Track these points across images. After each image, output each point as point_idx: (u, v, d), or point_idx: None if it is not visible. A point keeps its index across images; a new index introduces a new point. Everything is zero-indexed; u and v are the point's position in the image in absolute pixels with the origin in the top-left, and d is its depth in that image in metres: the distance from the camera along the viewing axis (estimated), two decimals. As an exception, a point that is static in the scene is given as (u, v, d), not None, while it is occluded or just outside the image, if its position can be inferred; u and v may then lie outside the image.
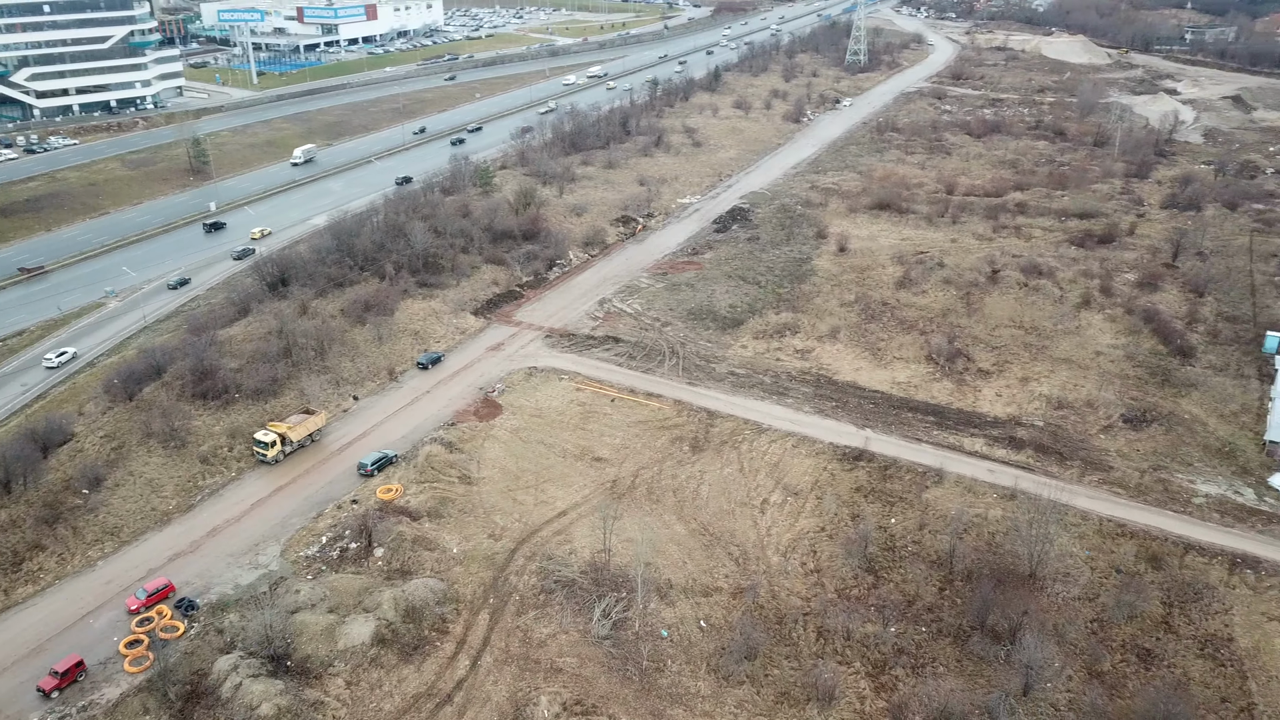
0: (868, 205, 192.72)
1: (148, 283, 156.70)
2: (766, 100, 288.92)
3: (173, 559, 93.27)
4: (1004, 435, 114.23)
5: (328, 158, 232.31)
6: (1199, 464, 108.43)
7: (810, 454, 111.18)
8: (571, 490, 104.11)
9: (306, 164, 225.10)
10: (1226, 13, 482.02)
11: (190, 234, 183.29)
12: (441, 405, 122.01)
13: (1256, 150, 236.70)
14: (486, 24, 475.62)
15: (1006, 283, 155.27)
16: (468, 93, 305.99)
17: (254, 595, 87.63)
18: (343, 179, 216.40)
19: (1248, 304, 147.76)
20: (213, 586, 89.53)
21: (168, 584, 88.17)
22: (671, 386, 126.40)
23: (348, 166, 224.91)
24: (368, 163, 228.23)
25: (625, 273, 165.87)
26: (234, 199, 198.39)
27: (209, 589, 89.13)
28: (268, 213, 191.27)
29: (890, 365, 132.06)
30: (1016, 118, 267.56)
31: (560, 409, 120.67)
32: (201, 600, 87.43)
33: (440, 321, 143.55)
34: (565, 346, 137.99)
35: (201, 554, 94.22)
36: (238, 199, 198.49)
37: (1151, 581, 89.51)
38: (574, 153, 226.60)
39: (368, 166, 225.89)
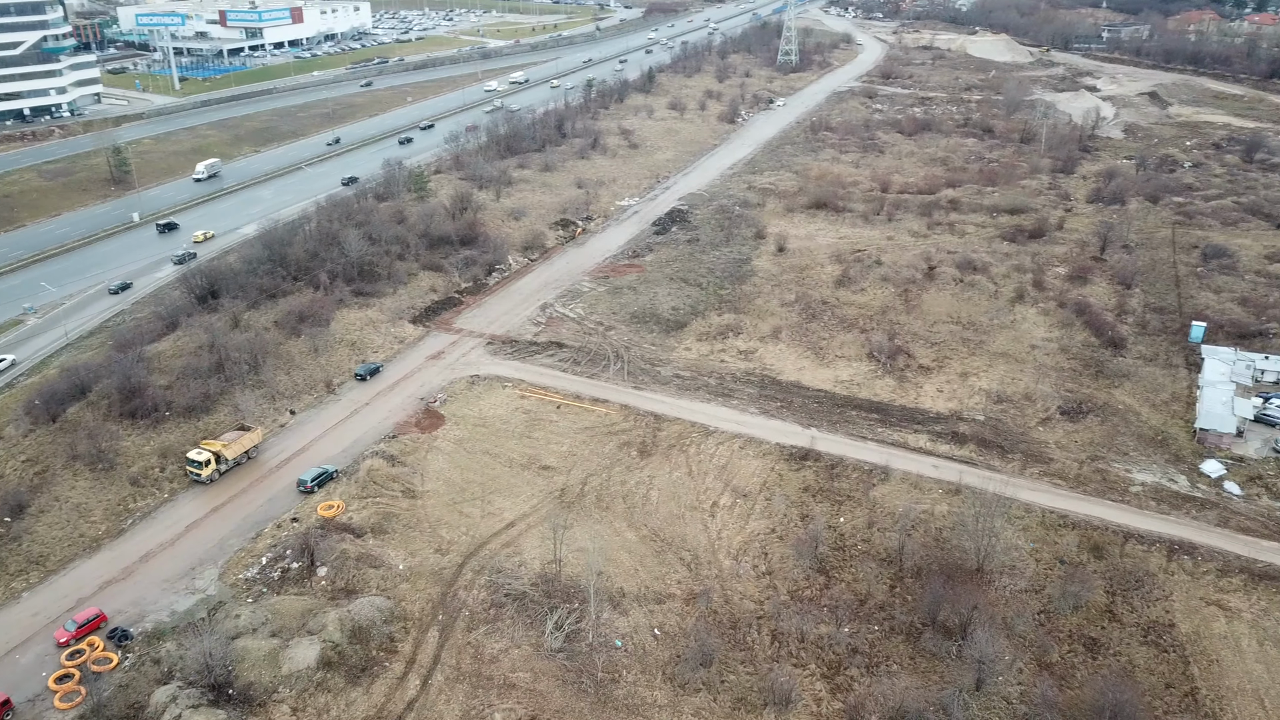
0: (805, 205, 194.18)
1: (69, 297, 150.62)
2: (701, 101, 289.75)
3: (104, 587, 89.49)
4: (946, 431, 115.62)
5: (256, 164, 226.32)
6: (1134, 453, 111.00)
7: (758, 455, 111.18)
8: (519, 500, 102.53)
9: (211, 179, 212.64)
10: (1140, 11, 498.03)
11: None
12: (382, 417, 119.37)
13: (1174, 145, 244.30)
14: (416, 27, 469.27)
15: (943, 279, 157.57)
16: (399, 97, 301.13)
17: (192, 622, 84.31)
18: (273, 186, 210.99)
19: (1173, 295, 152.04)
20: (147, 614, 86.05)
21: (99, 614, 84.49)
22: (617, 391, 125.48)
23: (277, 173, 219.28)
24: (298, 169, 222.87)
25: (566, 277, 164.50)
26: (159, 208, 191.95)
27: (143, 617, 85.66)
28: (199, 221, 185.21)
29: (833, 364, 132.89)
30: (946, 116, 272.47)
31: (505, 417, 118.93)
32: (136, 629, 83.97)
33: (378, 331, 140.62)
34: (508, 353, 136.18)
35: (134, 581, 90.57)
36: (163, 208, 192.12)
37: (1094, 571, 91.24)
38: (510, 156, 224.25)
39: (298, 173, 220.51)
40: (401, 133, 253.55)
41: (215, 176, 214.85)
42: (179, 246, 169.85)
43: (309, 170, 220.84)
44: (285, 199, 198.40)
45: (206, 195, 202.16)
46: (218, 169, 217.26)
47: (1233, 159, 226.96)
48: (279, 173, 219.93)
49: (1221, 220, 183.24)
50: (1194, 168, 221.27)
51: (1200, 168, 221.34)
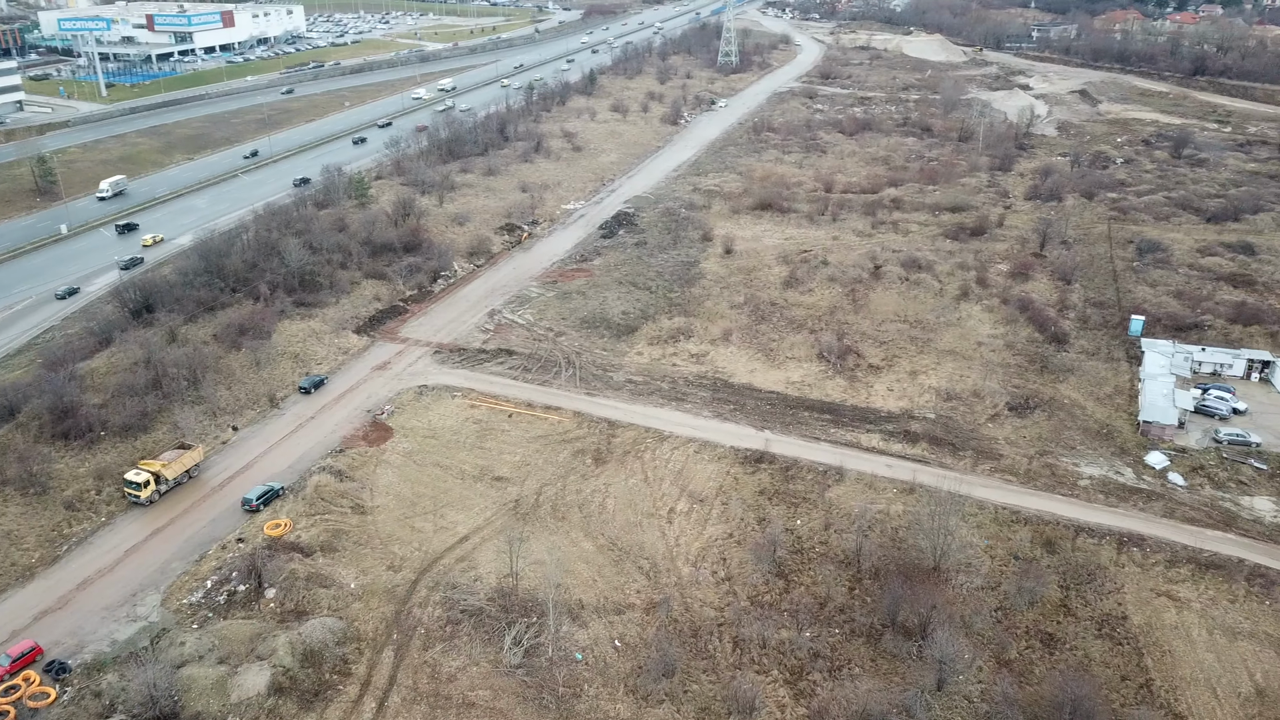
0: (750, 206, 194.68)
1: (7, 307, 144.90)
2: (643, 103, 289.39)
3: (39, 618, 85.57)
4: (898, 429, 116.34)
5: (190, 172, 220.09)
6: (1081, 447, 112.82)
7: (713, 459, 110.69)
8: (473, 513, 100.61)
9: (116, 197, 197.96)
10: (1068, 11, 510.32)
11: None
12: (328, 431, 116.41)
13: (1105, 141, 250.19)
14: (352, 30, 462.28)
15: (889, 278, 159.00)
16: (336, 101, 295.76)
17: (134, 651, 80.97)
18: (208, 194, 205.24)
19: (1111, 289, 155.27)
20: (86, 645, 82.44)
21: (34, 646, 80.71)
22: (570, 398, 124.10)
23: (211, 181, 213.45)
24: (234, 176, 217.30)
25: (514, 282, 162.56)
26: (89, 219, 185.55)
27: (82, 648, 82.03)
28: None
29: (784, 365, 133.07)
30: (885, 115, 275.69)
31: (455, 428, 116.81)
32: (74, 661, 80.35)
33: (321, 342, 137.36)
34: (456, 362, 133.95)
35: (72, 610, 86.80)
36: (94, 219, 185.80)
37: (1048, 566, 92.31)
38: (452, 160, 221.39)
39: (234, 181, 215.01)
40: (355, 133, 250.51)
41: (121, 194, 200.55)
42: (125, 251, 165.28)
43: (245, 178, 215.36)
44: (221, 207, 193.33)
45: (140, 205, 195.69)
46: (123, 186, 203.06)
47: (1162, 155, 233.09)
48: (213, 181, 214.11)
49: (1154, 215, 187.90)
50: (1125, 164, 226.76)
51: (1131, 164, 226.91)
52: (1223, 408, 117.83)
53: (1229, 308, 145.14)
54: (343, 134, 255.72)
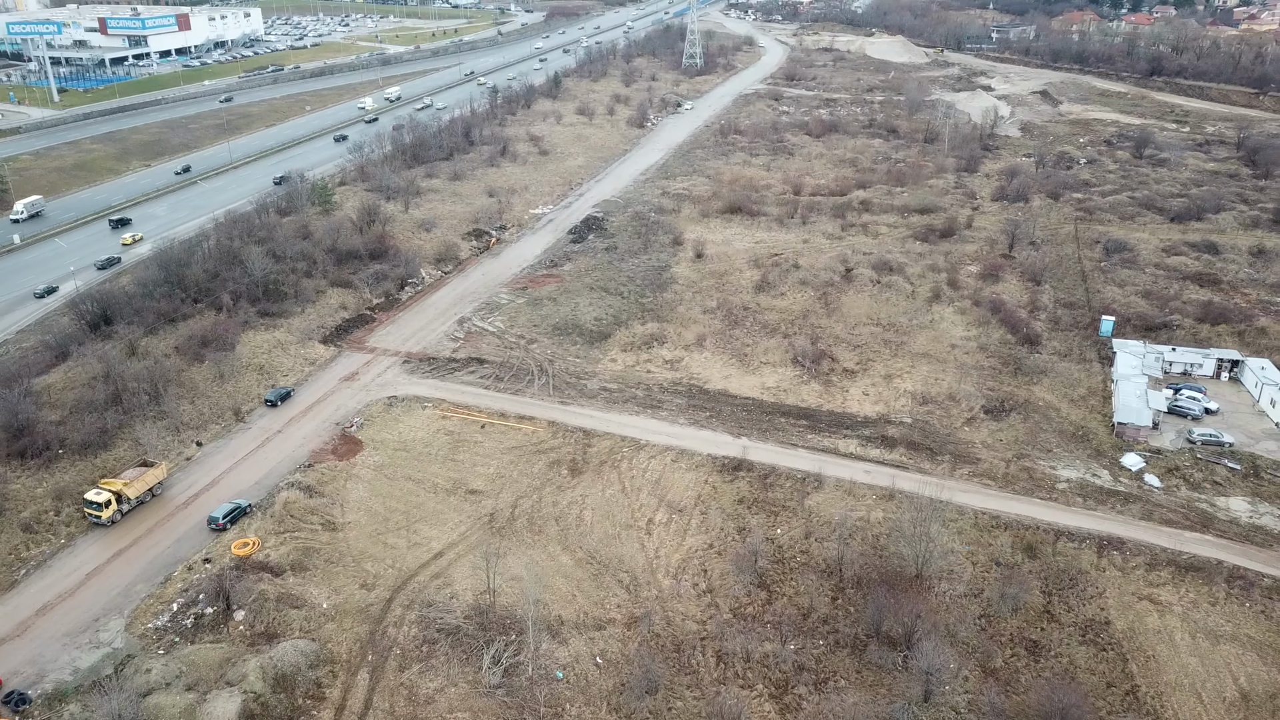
0: (719, 209, 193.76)
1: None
2: (609, 106, 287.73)
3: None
4: (876, 435, 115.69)
5: (146, 179, 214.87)
6: (1058, 449, 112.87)
7: (690, 467, 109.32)
8: (447, 528, 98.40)
9: (32, 219, 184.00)
10: (1026, 12, 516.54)
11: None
12: (296, 445, 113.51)
13: (1068, 142, 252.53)
14: (311, 33, 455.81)
15: (860, 281, 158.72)
16: (296, 106, 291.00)
17: (97, 680, 77.98)
18: (165, 202, 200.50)
19: (1081, 290, 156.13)
20: (47, 674, 79.28)
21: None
22: (543, 407, 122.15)
23: (168, 189, 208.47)
24: (192, 184, 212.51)
25: (483, 289, 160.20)
26: (40, 230, 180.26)
27: (43, 677, 78.88)
28: (86, 240, 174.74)
29: (758, 370, 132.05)
30: (851, 117, 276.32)
31: (426, 440, 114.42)
32: (35, 692, 77.24)
33: (287, 353, 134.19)
34: (426, 371, 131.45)
35: (31, 637, 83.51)
36: (44, 230, 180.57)
37: (1029, 571, 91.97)
38: (416, 165, 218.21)
39: (192, 188, 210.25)
40: (315, 137, 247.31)
41: (38, 216, 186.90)
42: (101, 251, 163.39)
43: (204, 185, 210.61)
44: (180, 215, 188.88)
45: (95, 212, 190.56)
46: (40, 207, 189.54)
47: (1124, 155, 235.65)
48: (171, 188, 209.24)
49: (1119, 215, 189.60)
50: (1089, 164, 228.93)
51: (1095, 164, 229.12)
52: (1195, 408, 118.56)
53: (1196, 307, 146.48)
54: (305, 138, 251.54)
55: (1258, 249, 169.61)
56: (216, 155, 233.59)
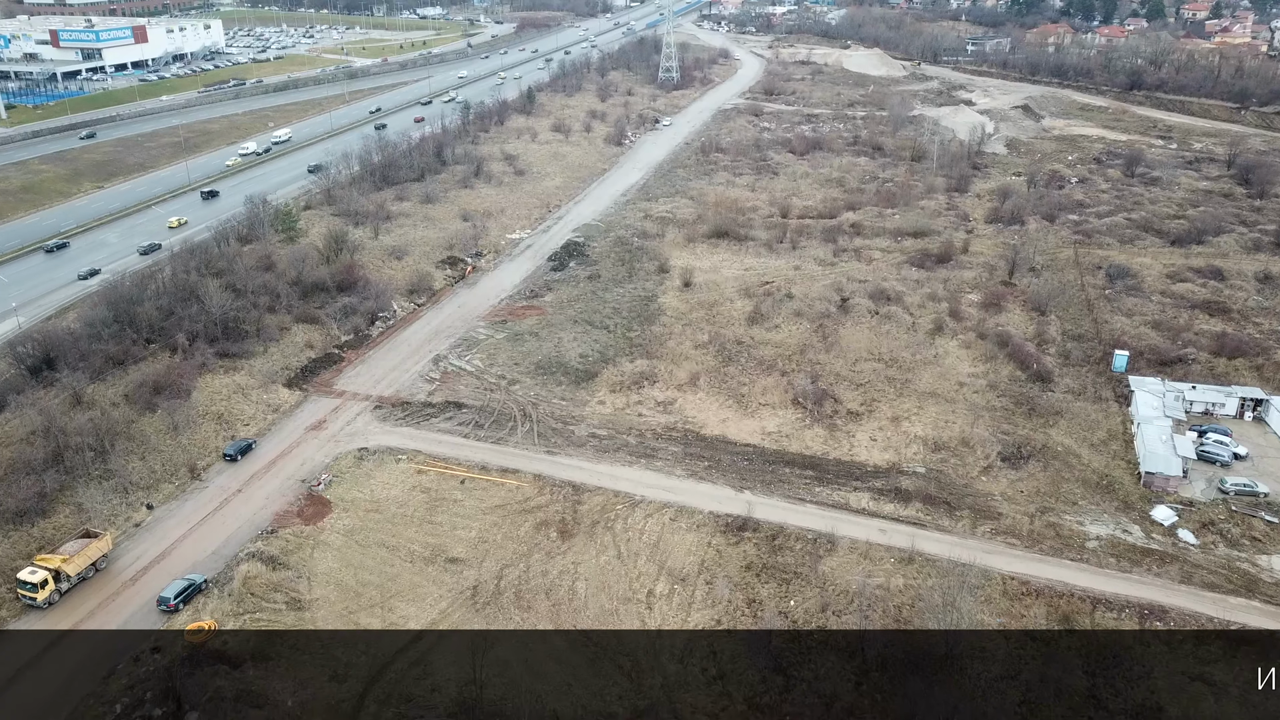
0: (705, 234, 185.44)
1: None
2: (585, 122, 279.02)
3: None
4: (888, 487, 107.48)
5: (100, 203, 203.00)
6: (1083, 502, 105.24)
7: (691, 527, 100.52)
8: (426, 605, 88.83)
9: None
10: (1001, 25, 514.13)
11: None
12: (257, 507, 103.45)
13: (1057, 160, 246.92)
14: (275, 45, 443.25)
15: (857, 312, 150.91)
16: (259, 121, 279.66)
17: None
18: (118, 228, 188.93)
19: (1088, 320, 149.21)
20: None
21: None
22: (528, 457, 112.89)
23: (124, 213, 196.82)
24: (146, 208, 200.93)
25: (459, 323, 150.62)
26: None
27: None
28: (24, 273, 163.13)
29: (757, 413, 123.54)
30: (835, 134, 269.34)
31: (401, 499, 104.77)
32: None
33: (248, 399, 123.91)
34: (399, 418, 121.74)
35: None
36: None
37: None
38: (386, 187, 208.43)
39: (147, 212, 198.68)
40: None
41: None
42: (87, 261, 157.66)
43: (158, 210, 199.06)
44: (135, 241, 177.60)
45: (40, 239, 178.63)
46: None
47: (1115, 174, 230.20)
48: (126, 212, 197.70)
49: (1118, 238, 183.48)
50: (1080, 183, 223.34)
51: (1086, 183, 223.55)
52: (1224, 453, 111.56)
53: (1210, 339, 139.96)
54: (335, 132, 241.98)
55: (1264, 275, 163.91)
56: (174, 175, 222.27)
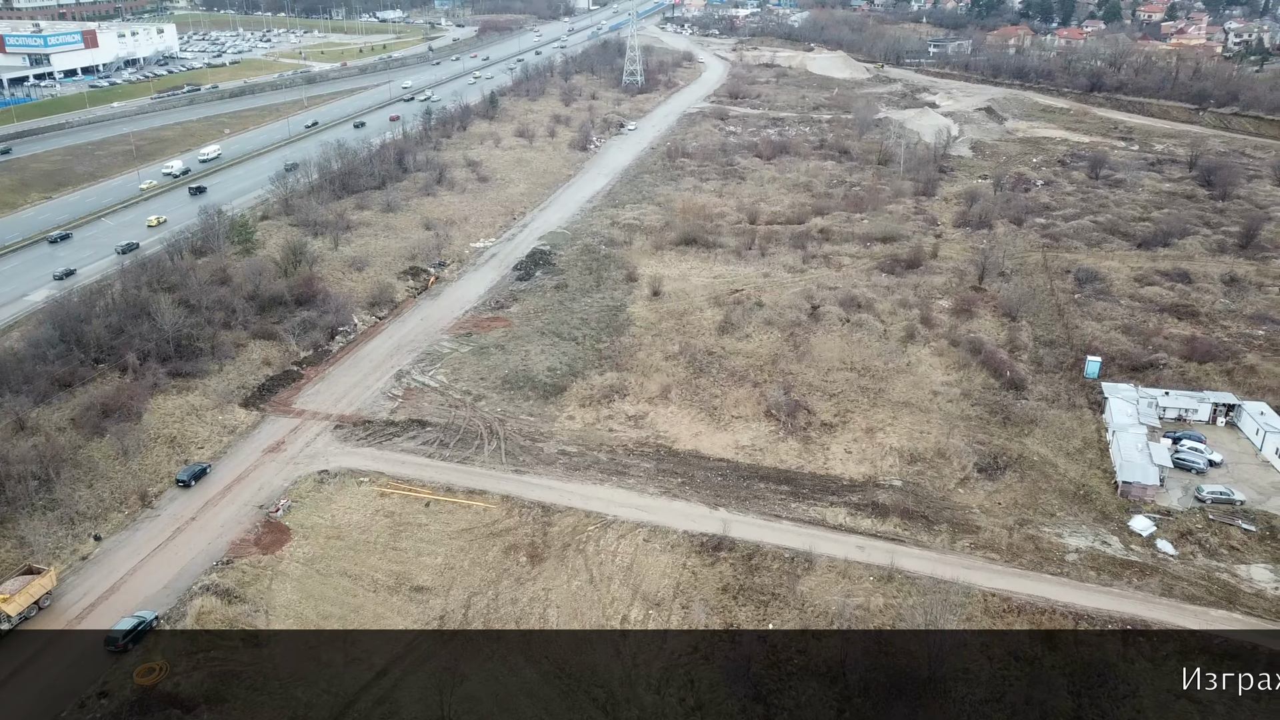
0: (673, 241, 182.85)
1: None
2: (550, 127, 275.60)
3: None
4: (865, 501, 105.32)
5: (47, 214, 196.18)
6: (1060, 513, 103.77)
7: (665, 548, 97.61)
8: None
9: None
10: (960, 27, 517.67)
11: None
12: (212, 536, 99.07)
13: (1022, 162, 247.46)
14: (230, 49, 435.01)
15: (828, 320, 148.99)
16: (214, 129, 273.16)
17: None
18: (67, 242, 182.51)
19: (1058, 326, 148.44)
20: None
21: None
22: (495, 477, 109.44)
23: (74, 223, 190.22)
24: (96, 219, 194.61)
25: (423, 336, 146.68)
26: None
27: None
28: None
29: (730, 426, 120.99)
30: (801, 138, 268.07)
31: (363, 524, 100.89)
32: None
33: (202, 420, 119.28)
34: (361, 438, 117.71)
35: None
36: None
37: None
38: (346, 196, 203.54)
39: (97, 224, 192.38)
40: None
41: None
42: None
43: (109, 221, 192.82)
44: (85, 254, 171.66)
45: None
46: None
47: (1079, 176, 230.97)
48: (75, 223, 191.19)
49: (1085, 241, 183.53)
50: (1046, 186, 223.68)
51: (1052, 186, 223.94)
52: (1199, 460, 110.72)
53: (1180, 343, 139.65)
54: (268, 148, 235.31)
55: (1230, 277, 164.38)
56: (126, 185, 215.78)
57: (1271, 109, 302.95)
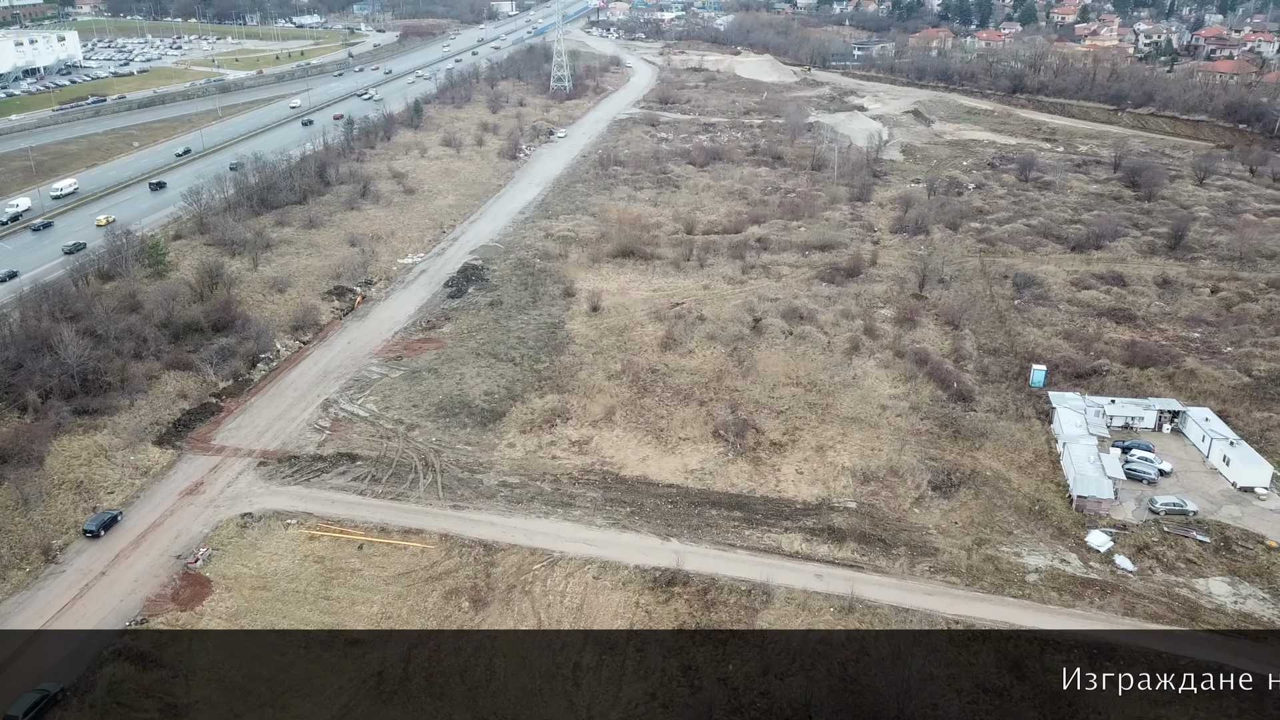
0: (610, 253, 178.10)
1: None
2: (477, 135, 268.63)
3: None
4: (820, 526, 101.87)
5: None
6: (1018, 531, 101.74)
7: (616, 585, 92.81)
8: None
9: None
10: (883, 29, 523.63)
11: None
12: (124, 592, 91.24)
13: (952, 165, 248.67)
14: (139, 57, 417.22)
15: (771, 333, 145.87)
16: (123, 142, 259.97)
17: None
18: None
19: (1001, 333, 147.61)
20: None
21: None
22: (433, 514, 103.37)
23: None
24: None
25: (350, 361, 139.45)
26: None
27: None
28: None
29: (678, 449, 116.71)
30: (733, 143, 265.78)
31: (291, 572, 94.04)
32: None
33: (112, 462, 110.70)
34: (287, 475, 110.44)
35: None
36: None
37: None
38: (266, 211, 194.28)
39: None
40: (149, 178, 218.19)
41: None
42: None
43: (4, 245, 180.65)
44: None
45: None
46: None
47: (1009, 178, 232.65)
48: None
49: (1020, 245, 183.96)
50: (978, 189, 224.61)
51: (983, 189, 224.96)
52: (1150, 471, 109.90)
53: (1121, 349, 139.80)
54: (132, 180, 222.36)
55: (1162, 279, 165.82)
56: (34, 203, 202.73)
57: (1185, 109, 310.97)
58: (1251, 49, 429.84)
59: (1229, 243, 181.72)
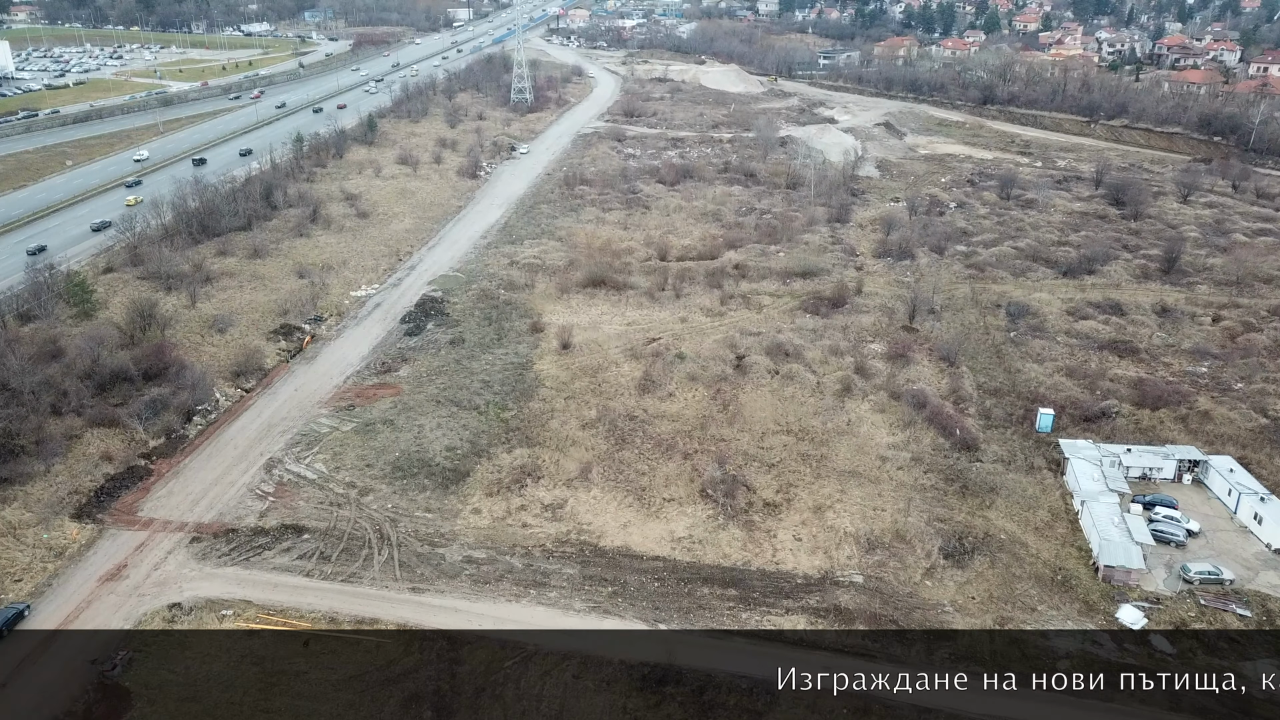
0: (580, 282, 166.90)
1: None
2: (435, 153, 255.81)
3: None
4: (825, 605, 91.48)
5: None
6: (1041, 606, 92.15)
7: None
8: None
9: None
10: (848, 38, 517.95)
11: None
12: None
13: (932, 183, 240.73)
14: (75, 67, 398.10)
15: (756, 372, 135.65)
16: (55, 160, 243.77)
17: None
18: None
19: (1000, 371, 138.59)
20: None
21: None
22: (389, 599, 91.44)
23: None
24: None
25: (297, 411, 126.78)
26: None
27: None
28: None
29: (662, 512, 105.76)
30: (703, 160, 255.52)
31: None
32: None
33: (22, 543, 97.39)
34: (223, 554, 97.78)
35: None
36: None
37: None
38: (206, 239, 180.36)
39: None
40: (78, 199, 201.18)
41: None
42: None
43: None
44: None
45: None
46: None
47: (991, 196, 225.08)
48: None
49: (1010, 270, 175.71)
50: (960, 208, 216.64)
51: (965, 208, 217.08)
52: (1178, 532, 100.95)
53: (1128, 387, 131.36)
54: (64, 203, 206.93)
55: (1161, 307, 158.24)
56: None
57: (1159, 121, 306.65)
58: (1214, 58, 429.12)
59: (1224, 266, 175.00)
